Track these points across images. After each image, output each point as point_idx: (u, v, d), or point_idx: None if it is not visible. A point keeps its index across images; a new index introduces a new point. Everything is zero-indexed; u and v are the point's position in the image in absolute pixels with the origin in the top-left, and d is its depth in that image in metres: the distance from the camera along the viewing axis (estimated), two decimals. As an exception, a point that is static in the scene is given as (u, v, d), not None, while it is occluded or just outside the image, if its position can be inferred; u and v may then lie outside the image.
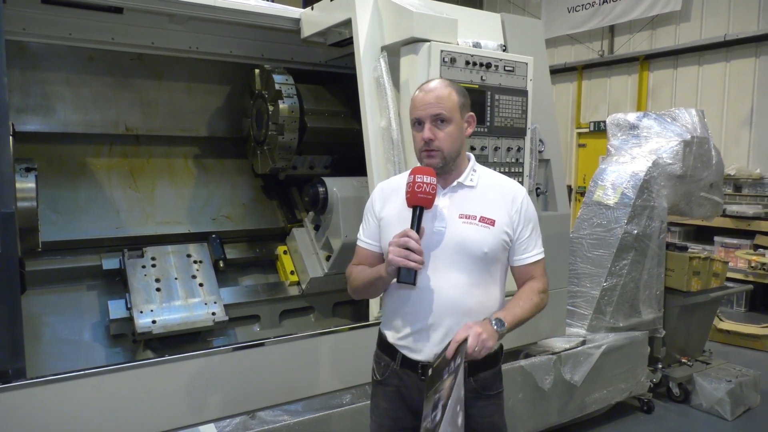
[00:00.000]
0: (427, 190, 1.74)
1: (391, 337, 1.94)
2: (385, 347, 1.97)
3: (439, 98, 1.83)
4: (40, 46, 3.20)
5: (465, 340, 1.67)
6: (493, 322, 1.75)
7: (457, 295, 1.83)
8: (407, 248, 1.69)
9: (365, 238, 1.99)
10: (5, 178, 1.95)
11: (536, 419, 3.47)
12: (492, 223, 1.84)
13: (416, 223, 1.75)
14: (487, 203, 1.88)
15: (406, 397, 1.91)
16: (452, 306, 1.83)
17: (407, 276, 1.71)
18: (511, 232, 1.88)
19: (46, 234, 2.81)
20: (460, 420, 1.61)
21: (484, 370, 1.89)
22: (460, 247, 1.83)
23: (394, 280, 1.78)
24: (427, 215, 1.81)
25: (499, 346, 1.94)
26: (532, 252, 1.92)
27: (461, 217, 1.85)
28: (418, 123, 1.87)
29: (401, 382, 1.91)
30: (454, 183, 1.90)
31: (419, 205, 1.76)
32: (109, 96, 3.46)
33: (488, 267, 1.86)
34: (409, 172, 1.88)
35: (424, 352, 1.86)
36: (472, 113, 1.94)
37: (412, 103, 1.89)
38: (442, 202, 1.86)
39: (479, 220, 1.84)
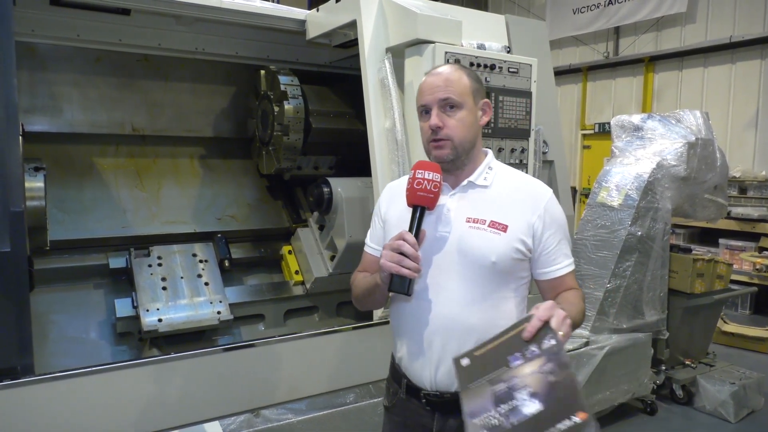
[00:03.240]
0: (428, 187, 1.52)
1: (396, 357, 1.74)
2: (393, 371, 1.77)
3: (448, 81, 1.61)
4: (48, 48, 3.24)
5: (547, 323, 1.34)
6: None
7: (456, 310, 1.59)
8: (401, 253, 1.47)
9: (371, 243, 1.81)
10: (15, 178, 1.97)
11: (539, 420, 3.47)
12: (504, 228, 1.58)
13: (415, 225, 1.53)
14: (501, 206, 1.62)
15: (413, 431, 1.70)
16: (451, 323, 1.59)
17: (400, 285, 1.48)
18: (529, 240, 1.60)
19: (54, 233, 2.84)
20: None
21: None
22: (464, 255, 1.59)
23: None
24: (430, 218, 1.61)
25: None
26: (562, 263, 1.64)
27: (468, 221, 1.61)
28: (425, 111, 1.64)
29: (407, 413, 1.71)
30: (465, 182, 1.66)
31: (419, 204, 1.54)
32: (116, 97, 3.50)
33: (498, 280, 1.60)
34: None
35: (424, 376, 1.64)
36: (487, 100, 1.70)
37: (418, 90, 1.67)
38: (449, 203, 1.64)
39: (489, 225, 1.59)
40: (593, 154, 10.71)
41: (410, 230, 1.53)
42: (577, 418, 1.25)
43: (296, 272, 3.53)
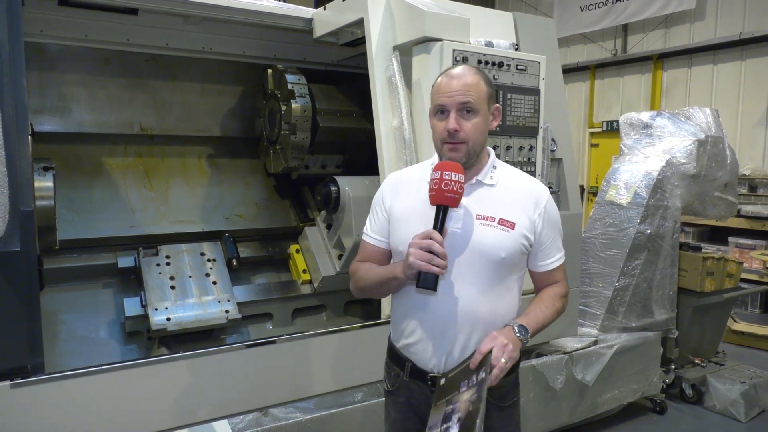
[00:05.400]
0: (455, 188, 1.58)
1: (399, 344, 1.84)
2: (394, 355, 1.87)
3: (468, 86, 1.66)
4: (57, 48, 3.25)
5: (490, 352, 1.54)
6: (516, 329, 1.63)
7: (468, 302, 1.70)
8: (430, 251, 1.54)
9: (372, 233, 1.86)
10: (24, 178, 1.98)
11: (547, 419, 3.46)
12: (512, 226, 1.69)
13: (440, 224, 1.60)
14: (507, 204, 1.73)
15: (417, 409, 1.81)
16: (463, 314, 1.70)
17: (428, 281, 1.56)
18: (531, 236, 1.73)
19: (63, 232, 2.85)
20: None
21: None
22: (477, 251, 1.69)
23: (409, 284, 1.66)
24: None
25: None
26: (555, 257, 1.81)
27: (479, 218, 1.70)
28: (440, 111, 1.69)
29: (411, 393, 1.81)
30: (473, 180, 1.74)
31: (445, 204, 1.60)
32: (125, 97, 3.51)
33: (504, 273, 1.72)
34: (427, 165, 1.78)
35: (433, 361, 1.75)
36: (498, 105, 1.78)
37: (434, 88, 1.71)
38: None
39: (498, 223, 1.69)
40: (601, 152, 10.67)
41: (435, 228, 1.59)
42: None
43: (304, 271, 3.53)
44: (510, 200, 1.74)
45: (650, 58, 9.77)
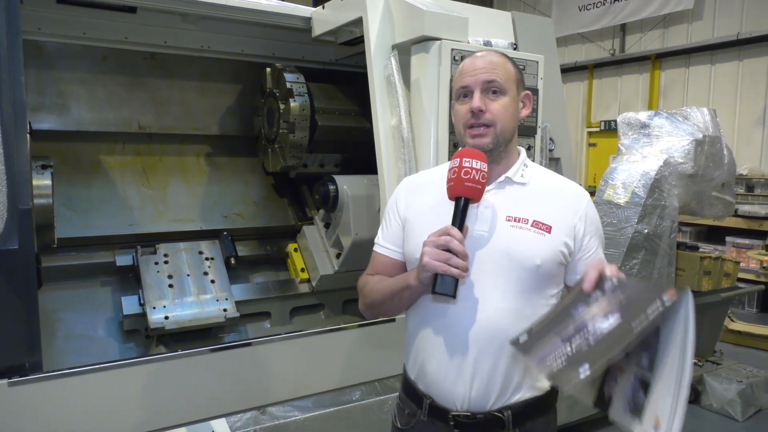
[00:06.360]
0: (477, 177, 1.36)
1: (414, 374, 1.55)
2: (409, 390, 1.57)
3: (494, 63, 1.48)
4: (55, 46, 3.25)
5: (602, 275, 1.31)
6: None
7: (496, 318, 1.42)
8: (448, 250, 1.31)
9: (384, 243, 1.61)
10: (23, 176, 1.98)
11: (545, 418, 3.47)
12: (548, 229, 1.45)
13: (459, 219, 1.36)
14: (541, 205, 1.49)
15: None
16: (489, 332, 1.43)
17: (445, 286, 1.32)
18: (572, 243, 1.48)
19: (61, 231, 2.85)
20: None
21: (534, 418, 1.49)
22: (507, 257, 1.43)
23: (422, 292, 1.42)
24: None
25: (551, 387, 1.53)
26: None
27: (509, 220, 1.46)
28: (463, 95, 1.50)
29: None
30: (501, 177, 1.51)
31: (465, 196, 1.37)
32: (123, 95, 3.51)
33: (540, 285, 1.46)
34: (447, 166, 1.48)
35: (455, 394, 1.45)
36: (528, 92, 1.57)
37: (457, 73, 1.54)
38: (485, 199, 1.46)
39: (532, 225, 1.45)
40: (599, 151, 10.69)
41: (453, 224, 1.36)
42: (666, 296, 1.14)
43: (302, 270, 3.54)
44: (544, 201, 1.49)
45: (648, 58, 9.79)
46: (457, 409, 1.47)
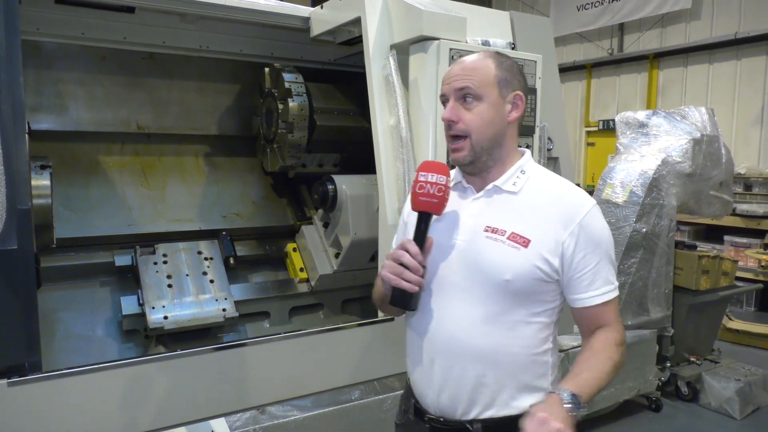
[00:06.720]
0: (431, 191, 1.37)
1: (408, 373, 1.60)
2: (407, 388, 1.64)
3: (467, 69, 1.43)
4: (54, 46, 3.24)
5: None
6: (565, 397, 1.28)
7: (460, 330, 1.41)
8: (401, 264, 1.35)
9: (394, 245, 1.70)
10: (21, 176, 1.98)
11: (544, 417, 3.47)
12: (525, 243, 1.37)
13: (419, 233, 1.40)
14: (528, 216, 1.42)
15: None
16: (454, 344, 1.42)
17: (401, 299, 1.37)
18: (556, 261, 1.39)
19: (60, 231, 2.85)
20: None
21: None
22: (476, 270, 1.41)
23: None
24: (446, 224, 1.46)
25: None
26: (599, 290, 1.41)
27: (487, 230, 1.42)
28: (444, 102, 1.48)
29: None
30: (490, 186, 1.48)
31: (423, 210, 1.40)
32: (121, 95, 3.50)
33: (514, 301, 1.40)
34: (452, 174, 1.52)
35: (429, 399, 1.49)
36: (519, 93, 1.49)
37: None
38: (471, 208, 1.47)
39: (508, 237, 1.39)
40: (597, 151, 10.71)
41: (414, 238, 1.40)
42: None
43: (301, 270, 3.54)
44: (533, 212, 1.42)
45: (646, 58, 9.81)
46: (431, 413, 1.51)
